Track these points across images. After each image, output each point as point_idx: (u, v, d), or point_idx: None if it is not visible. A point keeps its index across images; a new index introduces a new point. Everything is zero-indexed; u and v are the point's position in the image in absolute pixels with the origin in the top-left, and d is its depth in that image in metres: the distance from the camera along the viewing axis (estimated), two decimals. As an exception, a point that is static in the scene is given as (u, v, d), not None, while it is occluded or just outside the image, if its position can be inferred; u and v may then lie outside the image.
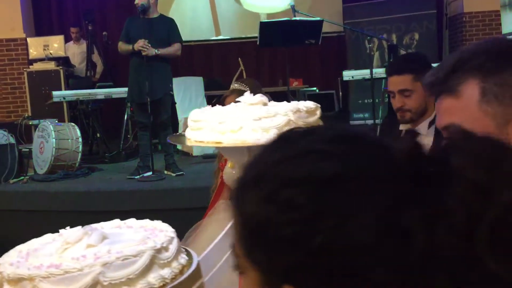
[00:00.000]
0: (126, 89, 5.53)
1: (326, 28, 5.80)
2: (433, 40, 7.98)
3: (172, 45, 5.08)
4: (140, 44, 4.85)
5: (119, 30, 5.37)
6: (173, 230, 1.05)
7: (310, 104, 0.97)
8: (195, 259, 0.98)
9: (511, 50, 0.98)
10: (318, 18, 5.60)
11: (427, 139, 1.29)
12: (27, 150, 5.34)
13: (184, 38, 5.40)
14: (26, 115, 6.49)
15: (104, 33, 7.88)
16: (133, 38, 4.98)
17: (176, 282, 0.88)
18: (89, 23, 7.42)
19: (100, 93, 6.31)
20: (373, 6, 8.04)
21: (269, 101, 2.56)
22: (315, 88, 8.25)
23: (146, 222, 1.11)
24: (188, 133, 0.98)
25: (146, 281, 0.86)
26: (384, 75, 4.02)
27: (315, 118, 0.97)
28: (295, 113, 0.93)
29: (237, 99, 0.98)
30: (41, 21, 8.57)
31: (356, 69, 6.64)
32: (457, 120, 0.97)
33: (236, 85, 2.68)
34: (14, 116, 7.60)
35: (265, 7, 8.68)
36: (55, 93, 6.19)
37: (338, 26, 7.31)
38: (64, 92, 6.51)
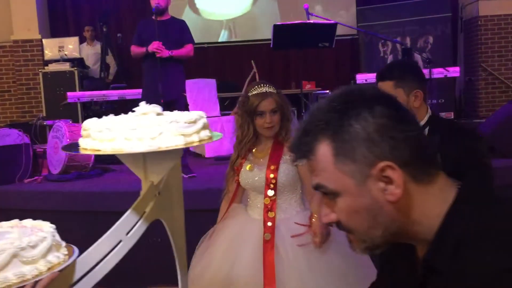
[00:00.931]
0: (139, 90, 5.56)
1: (339, 31, 5.78)
2: (448, 44, 7.92)
3: (185, 46, 5.10)
4: (155, 46, 4.87)
5: (133, 32, 5.41)
6: (51, 230, 1.09)
7: (193, 115, 1.01)
8: (71, 260, 1.05)
9: (349, 104, 0.95)
10: (332, 21, 5.58)
11: None
12: (42, 150, 5.38)
13: (196, 40, 5.42)
14: (41, 116, 6.56)
15: (118, 34, 7.94)
16: (146, 40, 5.01)
17: (37, 279, 0.96)
18: (103, 24, 7.48)
19: (114, 94, 6.36)
20: (387, 9, 8.00)
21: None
22: (328, 91, 8.22)
23: (38, 222, 1.17)
24: (80, 141, 1.04)
25: (4, 276, 0.94)
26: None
27: (195, 128, 1.00)
28: (170, 123, 0.96)
29: (133, 109, 1.02)
30: (56, 23, 8.65)
31: (369, 72, 6.61)
32: (322, 181, 0.96)
33: (270, 89, 2.52)
34: (29, 116, 7.68)
35: (223, 14, 8.80)
36: (69, 94, 6.25)
37: (351, 29, 7.29)
38: (78, 93, 6.57)
